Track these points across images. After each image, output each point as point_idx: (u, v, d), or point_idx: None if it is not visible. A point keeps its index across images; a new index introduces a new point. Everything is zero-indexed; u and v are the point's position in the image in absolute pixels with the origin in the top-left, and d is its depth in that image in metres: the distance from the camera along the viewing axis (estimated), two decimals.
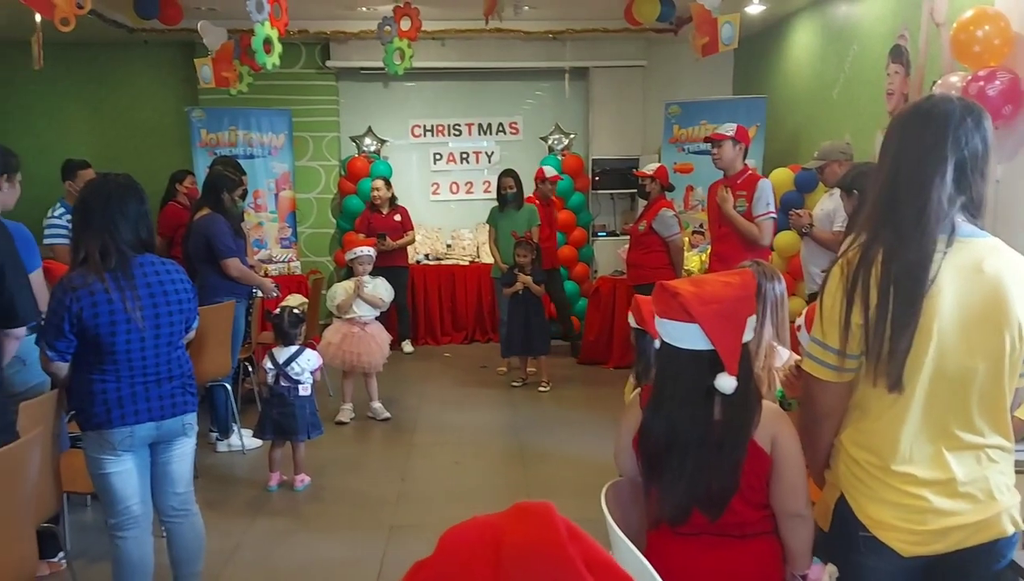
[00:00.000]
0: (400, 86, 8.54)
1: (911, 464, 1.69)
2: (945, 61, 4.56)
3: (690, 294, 1.76)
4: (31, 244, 3.06)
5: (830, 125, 6.39)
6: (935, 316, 1.63)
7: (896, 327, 1.63)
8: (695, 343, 1.77)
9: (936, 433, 1.69)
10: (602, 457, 4.82)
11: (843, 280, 1.71)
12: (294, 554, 3.72)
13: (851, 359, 1.72)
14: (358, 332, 5.47)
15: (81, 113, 8.34)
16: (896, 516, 1.70)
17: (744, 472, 1.79)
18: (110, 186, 2.74)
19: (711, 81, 8.40)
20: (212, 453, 4.98)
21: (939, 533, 1.69)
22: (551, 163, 8.30)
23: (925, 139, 1.69)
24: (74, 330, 2.63)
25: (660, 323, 1.84)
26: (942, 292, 1.63)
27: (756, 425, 1.81)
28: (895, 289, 1.63)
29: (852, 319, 1.68)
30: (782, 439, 1.82)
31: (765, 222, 4.90)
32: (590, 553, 0.81)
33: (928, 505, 1.68)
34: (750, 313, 1.81)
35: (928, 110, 1.73)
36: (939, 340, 1.64)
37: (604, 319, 7.07)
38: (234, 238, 4.90)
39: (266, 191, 7.91)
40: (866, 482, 1.74)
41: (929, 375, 1.66)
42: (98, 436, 2.72)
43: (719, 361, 1.75)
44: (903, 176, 1.70)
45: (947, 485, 1.68)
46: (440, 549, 0.84)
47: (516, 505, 0.85)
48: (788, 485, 1.82)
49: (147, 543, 2.88)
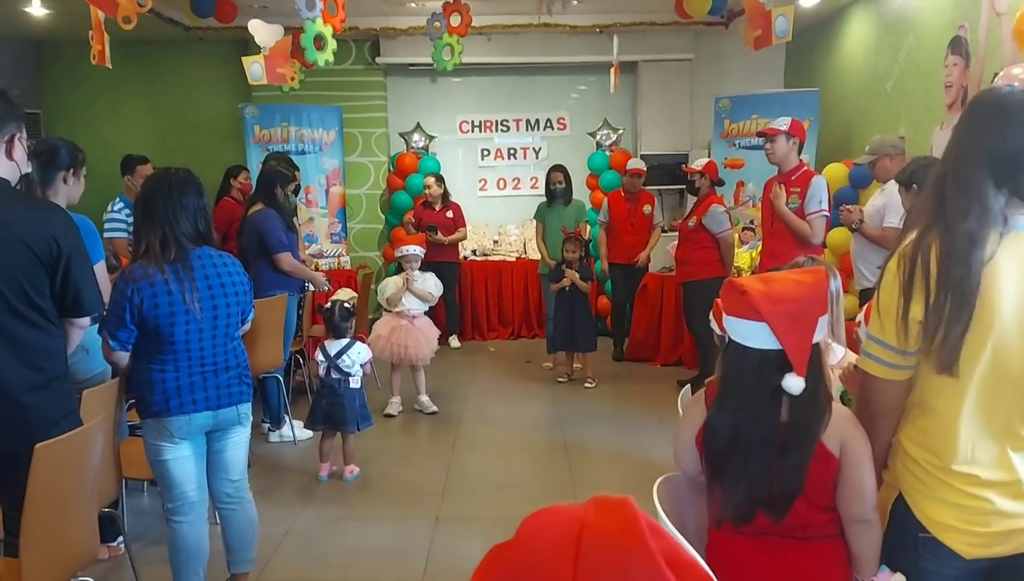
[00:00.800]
0: (447, 82, 8.59)
1: (974, 464, 1.65)
2: (1007, 52, 4.44)
3: (759, 293, 1.72)
4: (95, 236, 3.15)
5: (884, 119, 6.26)
6: (995, 310, 1.59)
7: (952, 313, 1.59)
8: (763, 342, 1.73)
9: (1001, 433, 1.65)
10: (647, 454, 4.83)
11: (899, 274, 1.68)
12: (343, 541, 3.78)
13: (909, 356, 1.68)
14: (406, 325, 5.52)
15: (138, 109, 8.56)
16: (957, 517, 1.66)
17: (810, 475, 1.75)
18: (171, 179, 2.81)
19: (761, 75, 8.27)
20: (264, 443, 5.07)
21: (1002, 535, 1.65)
22: (599, 159, 8.28)
23: (980, 130, 1.67)
24: (135, 320, 2.70)
25: (728, 321, 1.80)
26: (1001, 285, 1.60)
27: (824, 428, 1.76)
28: (948, 280, 1.60)
29: (910, 314, 1.65)
30: (851, 443, 1.77)
31: (817, 220, 4.83)
32: (671, 550, 0.80)
33: (991, 507, 1.64)
34: (822, 313, 1.76)
35: (985, 101, 1.70)
36: (999, 336, 1.60)
37: (652, 316, 7.01)
38: (286, 233, 4.98)
39: (317, 187, 8.02)
40: (925, 482, 1.70)
41: (990, 372, 1.62)
42: (157, 424, 2.80)
43: (787, 361, 1.71)
44: (956, 169, 1.68)
45: (1012, 486, 1.64)
46: (520, 536, 0.83)
47: (595, 498, 0.85)
48: (855, 490, 1.77)
49: (202, 528, 2.96)
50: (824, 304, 1.78)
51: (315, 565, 3.57)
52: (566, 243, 6.28)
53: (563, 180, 6.80)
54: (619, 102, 8.46)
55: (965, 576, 1.69)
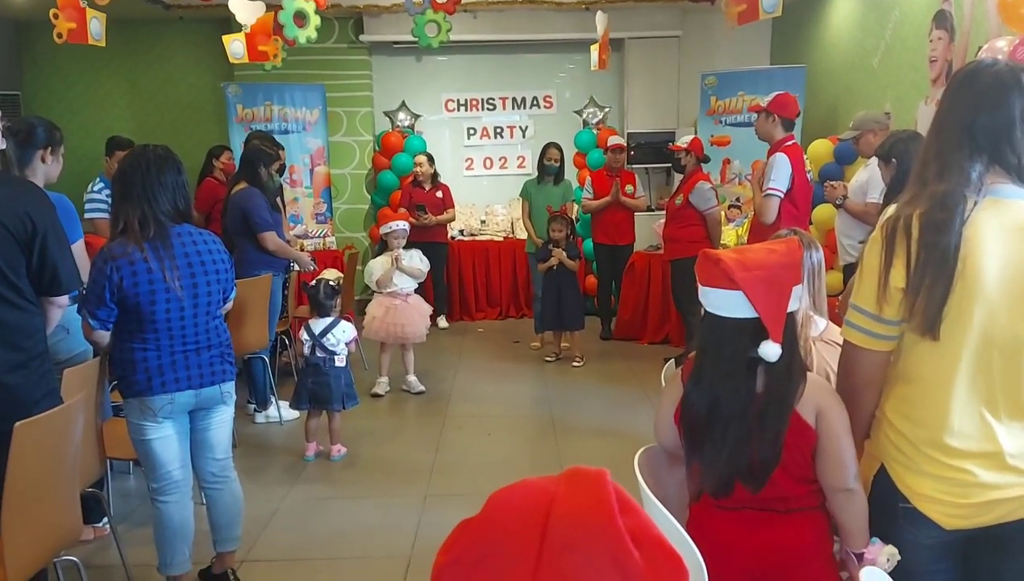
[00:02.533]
0: (432, 60, 8.52)
1: (957, 436, 1.65)
2: (992, 25, 4.43)
3: (733, 261, 1.72)
4: (73, 215, 3.11)
5: (870, 94, 6.25)
6: (978, 276, 1.59)
7: (931, 277, 1.60)
8: (738, 311, 1.72)
9: (985, 403, 1.65)
10: (634, 431, 4.84)
11: (881, 241, 1.68)
12: (331, 520, 3.78)
13: (891, 326, 1.68)
14: (400, 304, 5.51)
15: (119, 89, 8.46)
16: (939, 489, 1.67)
17: (787, 445, 1.75)
18: (149, 156, 2.78)
19: (748, 52, 8.24)
20: (251, 424, 5.06)
21: (983, 506, 1.65)
22: (586, 137, 8.23)
23: (964, 101, 1.67)
24: (115, 299, 2.68)
25: (703, 292, 1.80)
26: (984, 252, 1.60)
27: (799, 397, 1.76)
28: (927, 244, 1.60)
29: (892, 281, 1.65)
30: (828, 412, 1.77)
31: (768, 199, 4.60)
32: (640, 526, 0.79)
33: (973, 479, 1.64)
34: (795, 281, 1.76)
35: (968, 73, 1.71)
36: (986, 302, 1.60)
37: (639, 295, 7.01)
38: (271, 212, 4.94)
39: (301, 166, 7.96)
40: (907, 453, 1.70)
41: (977, 342, 1.62)
42: (139, 403, 2.78)
43: (763, 329, 1.70)
44: (939, 140, 1.69)
45: (994, 458, 1.64)
46: (488, 510, 0.82)
47: (570, 469, 0.83)
48: (833, 460, 1.76)
49: (187, 508, 2.95)
50: (797, 274, 1.78)
51: (303, 544, 3.58)
52: (552, 222, 6.26)
53: (559, 158, 6.79)
54: (606, 80, 8.41)
55: (944, 546, 1.70)
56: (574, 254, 6.26)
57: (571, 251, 6.23)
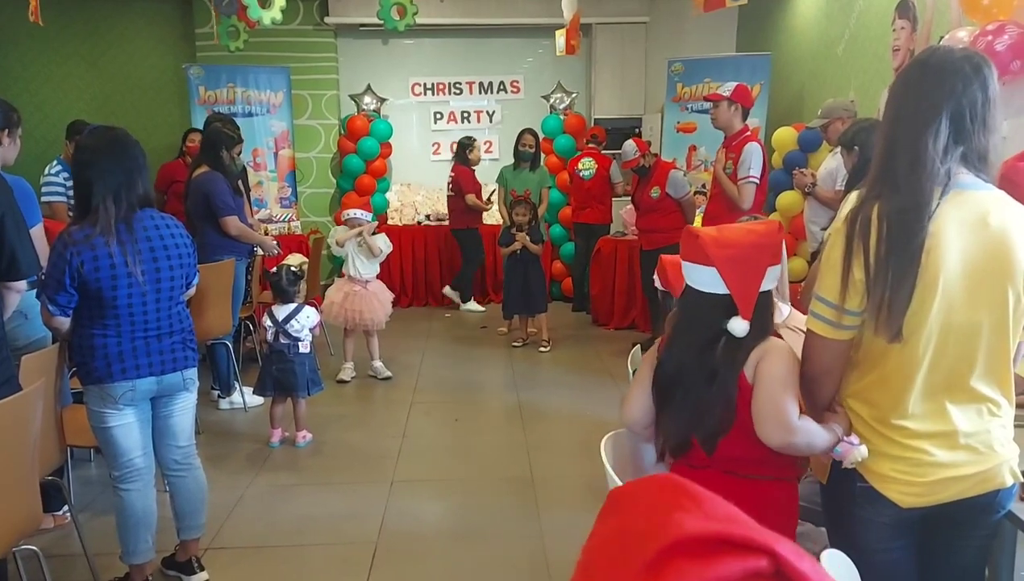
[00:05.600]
0: (399, 43, 8.44)
1: (913, 418, 1.69)
2: (953, 16, 4.49)
3: (710, 238, 1.81)
4: (32, 198, 3.05)
5: (835, 83, 6.32)
6: (939, 270, 1.61)
7: (895, 277, 1.61)
8: (713, 286, 1.80)
9: (941, 386, 1.68)
10: (600, 415, 4.88)
11: (844, 233, 1.70)
12: (296, 508, 3.76)
13: (851, 315, 1.70)
14: (360, 290, 5.48)
15: (78, 70, 8.26)
16: (895, 468, 1.70)
17: (739, 407, 1.79)
18: (110, 138, 2.72)
19: (715, 39, 8.28)
20: (215, 411, 5.01)
21: (938, 484, 1.69)
22: (553, 123, 8.22)
23: (921, 89, 1.68)
24: (75, 284, 2.62)
25: (684, 267, 1.89)
26: (945, 245, 1.62)
27: (744, 360, 1.78)
28: (891, 240, 1.62)
29: (852, 273, 1.66)
30: (762, 363, 1.77)
31: (746, 186, 4.92)
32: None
33: (929, 458, 1.68)
34: (770, 262, 1.82)
35: (925, 60, 1.71)
36: (945, 294, 1.62)
37: (605, 280, 7.05)
38: (233, 196, 4.87)
39: (265, 150, 7.85)
40: (866, 435, 1.73)
41: (936, 329, 1.65)
42: (99, 390, 2.74)
43: (735, 306, 1.78)
44: (900, 128, 1.69)
45: (949, 437, 1.68)
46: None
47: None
48: (766, 408, 1.73)
49: (150, 496, 2.90)
50: (776, 254, 1.84)
51: (268, 531, 3.55)
52: (515, 206, 6.27)
53: (533, 144, 6.81)
54: (573, 65, 8.40)
55: (900, 523, 1.74)
56: (538, 238, 6.26)
57: (534, 235, 6.23)
